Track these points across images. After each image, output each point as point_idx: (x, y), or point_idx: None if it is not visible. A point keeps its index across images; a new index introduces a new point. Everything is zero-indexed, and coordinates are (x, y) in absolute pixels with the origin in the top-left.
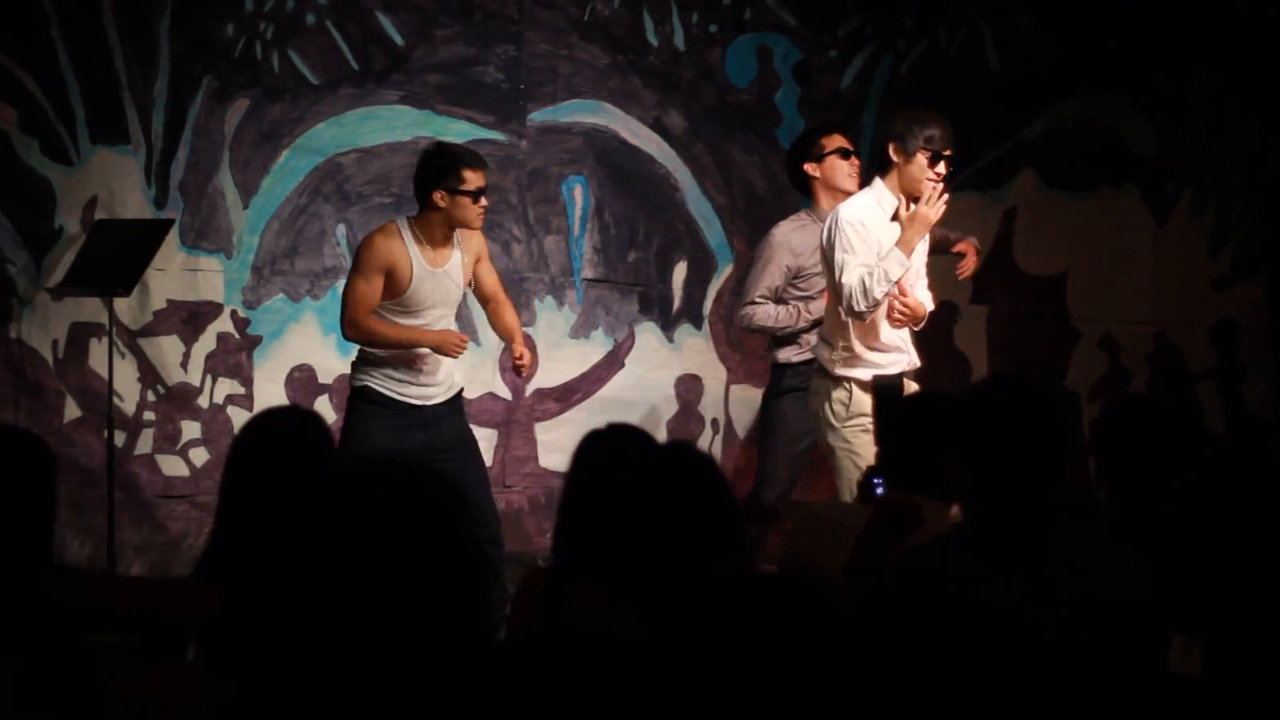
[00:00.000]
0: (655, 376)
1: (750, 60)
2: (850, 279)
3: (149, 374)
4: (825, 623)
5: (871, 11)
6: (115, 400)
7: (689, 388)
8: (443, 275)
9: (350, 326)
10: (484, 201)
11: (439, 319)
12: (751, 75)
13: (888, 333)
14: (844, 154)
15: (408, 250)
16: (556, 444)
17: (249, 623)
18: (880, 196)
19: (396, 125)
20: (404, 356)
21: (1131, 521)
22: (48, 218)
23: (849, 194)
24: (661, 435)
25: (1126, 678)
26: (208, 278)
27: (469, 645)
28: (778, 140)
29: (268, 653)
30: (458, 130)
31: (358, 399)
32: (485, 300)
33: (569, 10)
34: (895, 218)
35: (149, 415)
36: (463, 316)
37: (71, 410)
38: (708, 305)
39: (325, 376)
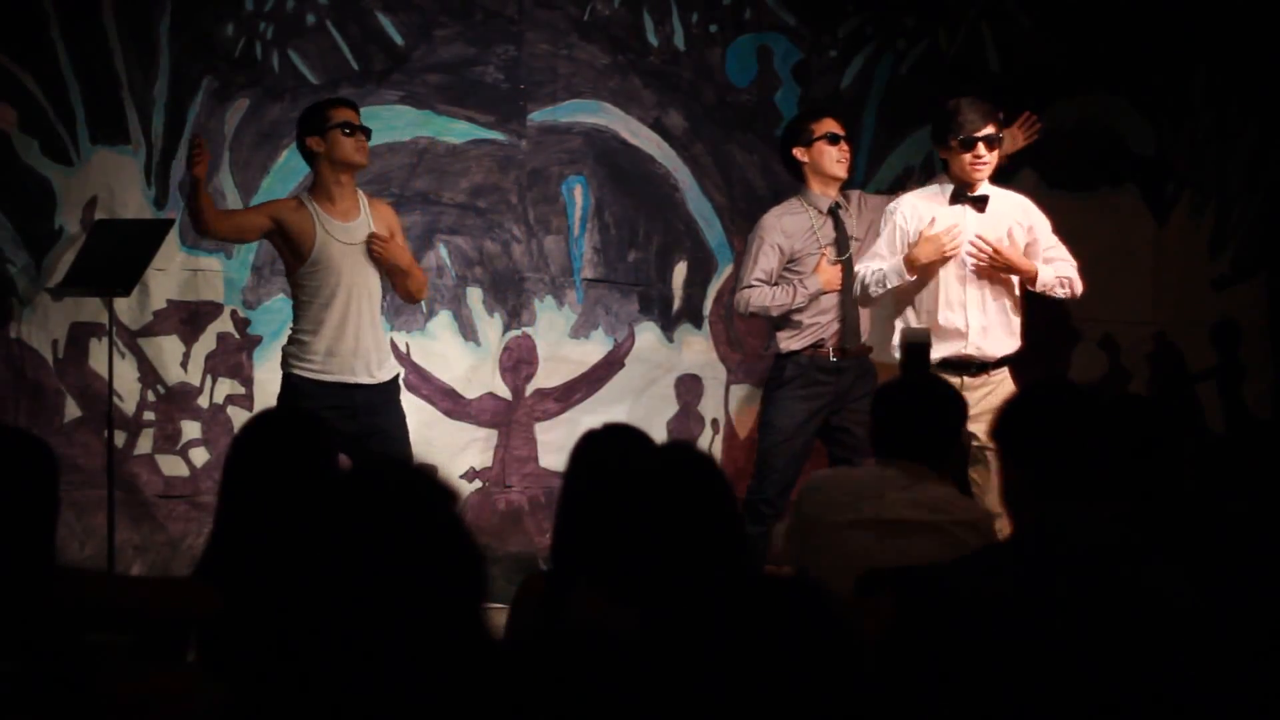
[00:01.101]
0: (655, 376)
1: (750, 60)
2: (861, 269)
3: (149, 374)
4: (827, 624)
5: (871, 11)
6: (115, 400)
7: (689, 388)
8: (348, 230)
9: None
10: (361, 138)
11: (350, 279)
12: (751, 75)
13: (945, 314)
14: (832, 139)
15: (309, 213)
16: (556, 444)
17: (249, 623)
18: (942, 186)
19: (396, 125)
20: (321, 330)
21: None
22: (48, 218)
23: (837, 179)
24: (661, 435)
25: (1176, 692)
26: (208, 278)
27: (469, 645)
28: (777, 140)
29: (268, 653)
30: (458, 130)
31: (288, 392)
32: (393, 275)
33: (569, 10)
34: (954, 200)
35: (149, 415)
36: (461, 318)
37: (71, 410)
38: (708, 305)
39: None
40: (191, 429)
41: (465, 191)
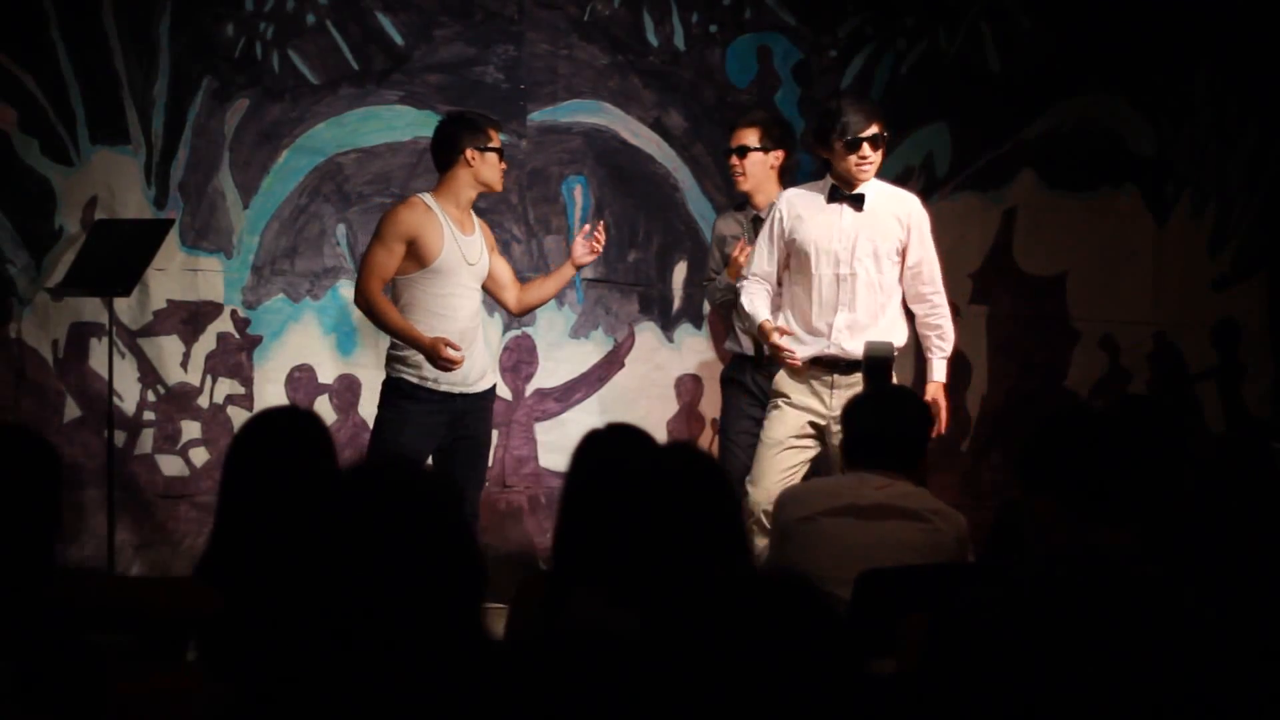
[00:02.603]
0: (655, 376)
1: (750, 60)
2: (747, 293)
3: (149, 374)
4: (827, 624)
5: (871, 11)
6: (115, 400)
7: (689, 388)
8: (469, 244)
9: (360, 294)
10: (504, 165)
11: (468, 291)
12: (751, 75)
13: (802, 316)
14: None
15: (437, 217)
16: (556, 444)
17: (249, 623)
18: (824, 183)
19: (396, 125)
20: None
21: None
22: (48, 218)
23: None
24: (661, 435)
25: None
26: (208, 278)
27: (469, 646)
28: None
29: (268, 652)
30: None
31: (391, 393)
32: (503, 288)
33: (569, 10)
34: (830, 199)
35: (149, 415)
36: None
37: (71, 410)
38: (708, 305)
39: (325, 376)
40: (191, 429)
41: None
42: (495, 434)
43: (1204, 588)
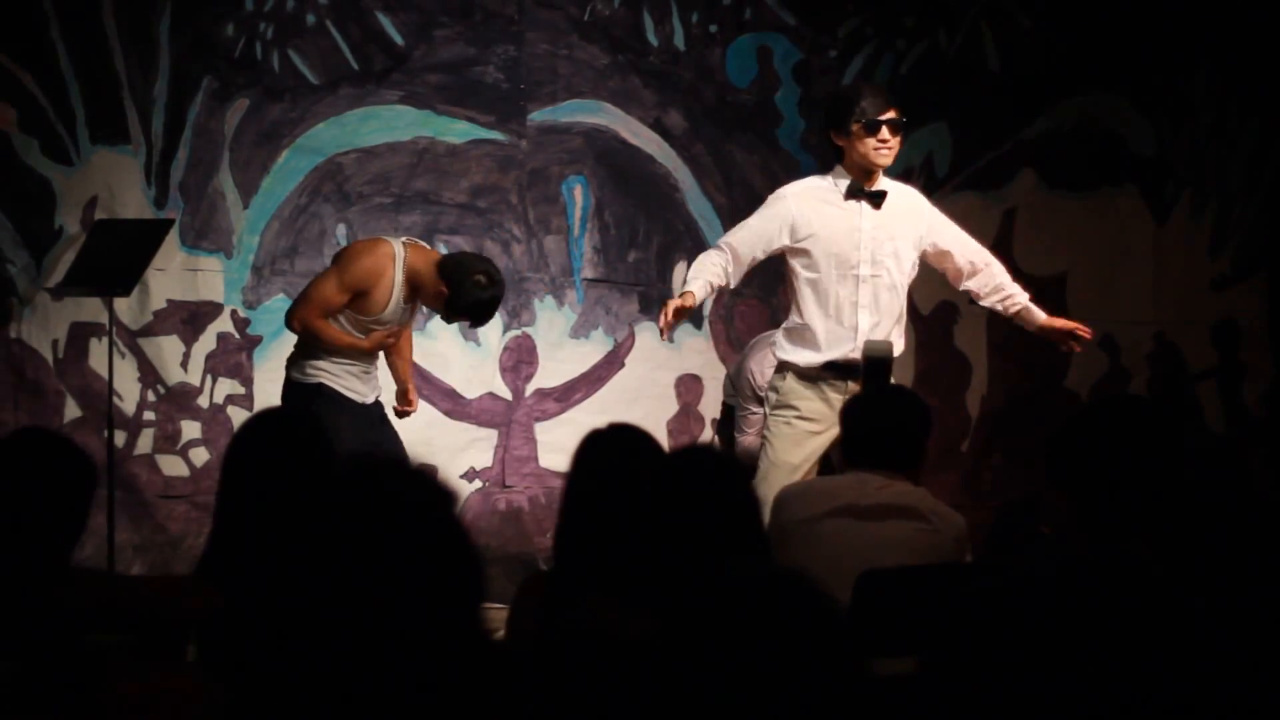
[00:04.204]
0: (655, 376)
1: (750, 60)
2: (719, 242)
3: (149, 374)
4: (830, 625)
5: (871, 11)
6: (115, 400)
7: (689, 388)
8: (407, 309)
9: (302, 322)
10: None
11: (386, 337)
12: (751, 75)
13: (821, 319)
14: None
15: (393, 281)
16: (556, 444)
17: (249, 622)
18: (836, 178)
19: (396, 125)
20: (351, 353)
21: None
22: (48, 218)
23: None
24: (661, 435)
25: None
26: (208, 278)
27: (468, 646)
28: (778, 140)
29: (268, 653)
30: (458, 130)
31: (310, 396)
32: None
33: (569, 10)
34: (849, 196)
35: (149, 415)
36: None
37: (71, 410)
38: (708, 305)
39: None
40: (191, 429)
41: (465, 191)
42: (495, 434)
43: (1207, 589)
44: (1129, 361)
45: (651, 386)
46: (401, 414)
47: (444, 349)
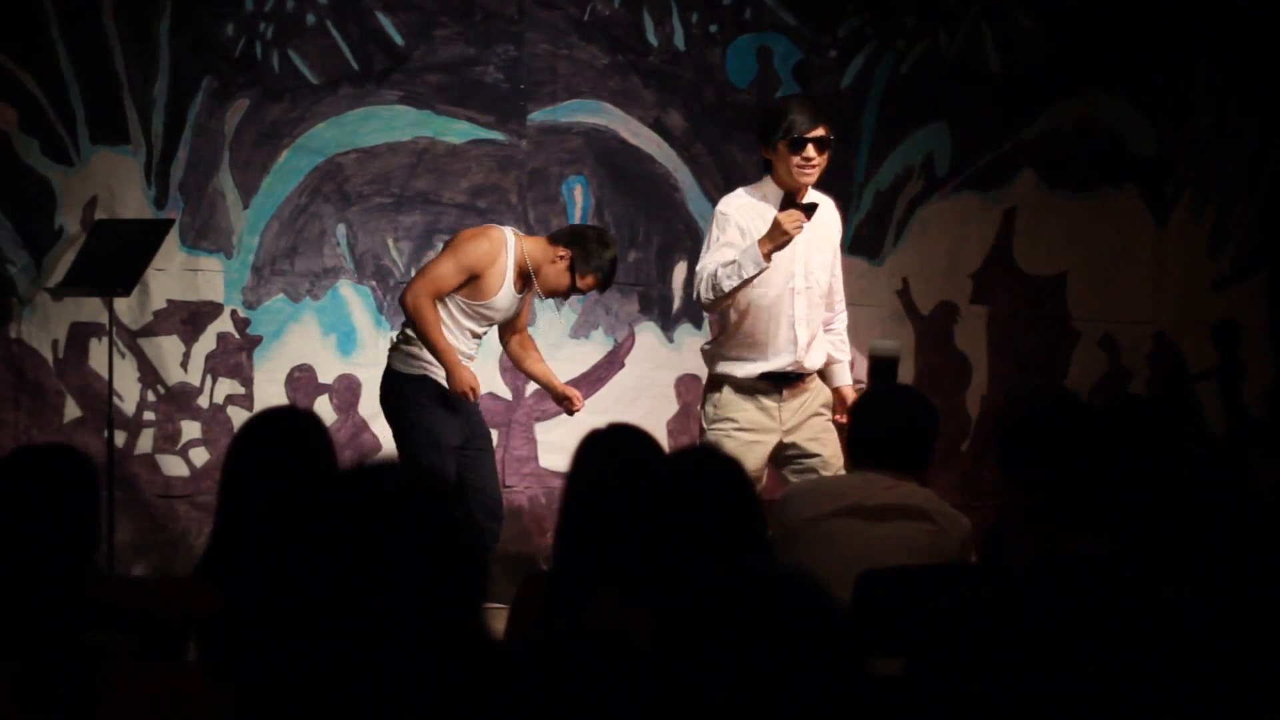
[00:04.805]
0: (655, 376)
1: (750, 60)
2: (706, 265)
3: (149, 374)
4: (831, 624)
5: (871, 11)
6: (115, 400)
7: (689, 388)
8: (519, 298)
9: (414, 297)
10: (588, 281)
11: (493, 327)
12: (751, 75)
13: (762, 331)
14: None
15: (505, 267)
16: (556, 444)
17: (249, 623)
18: (766, 190)
19: (396, 125)
20: (435, 348)
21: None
22: (48, 218)
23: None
24: (661, 435)
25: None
26: (208, 278)
27: (468, 646)
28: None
29: (268, 653)
30: (458, 130)
31: (417, 388)
32: (513, 330)
33: (569, 10)
34: (784, 207)
35: (149, 415)
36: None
37: (71, 410)
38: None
39: (325, 376)
40: (191, 429)
41: (465, 191)
42: (495, 434)
43: (1205, 588)
44: (1129, 361)
45: (651, 386)
46: (571, 412)
47: None
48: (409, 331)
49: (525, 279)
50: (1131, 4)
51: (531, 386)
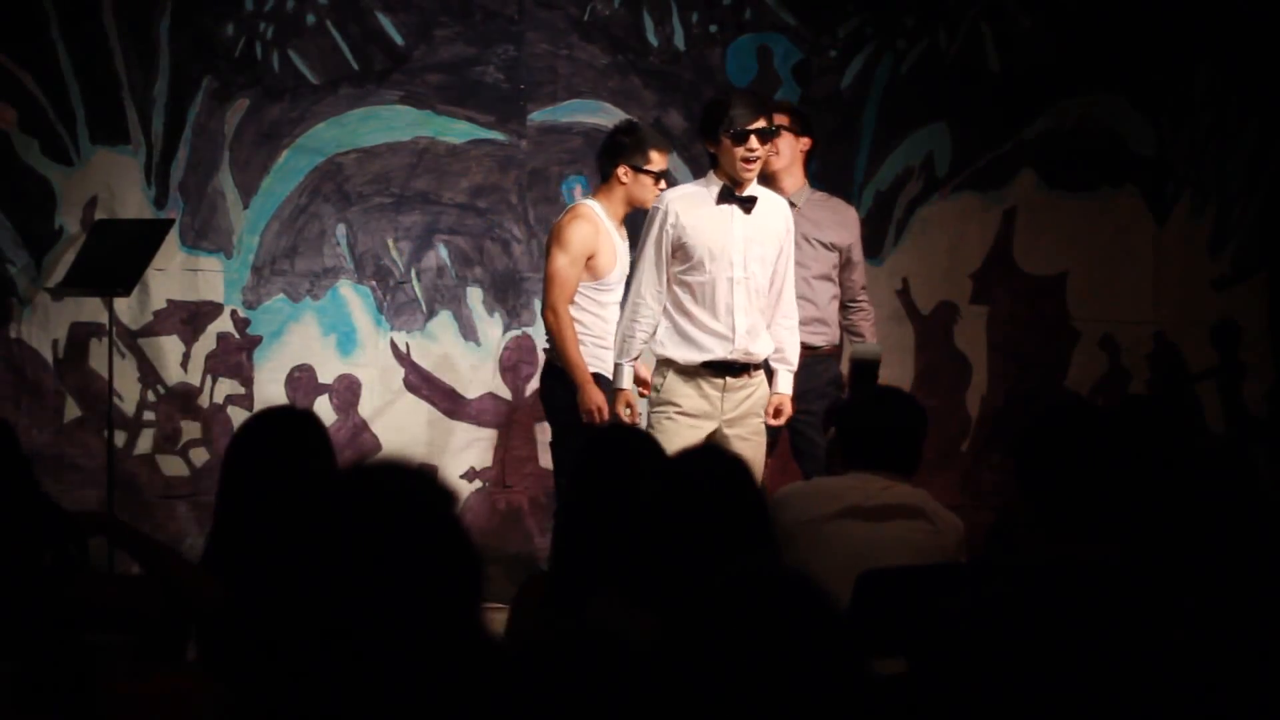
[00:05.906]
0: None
1: (750, 60)
2: (634, 308)
3: (149, 374)
4: (838, 624)
5: (871, 11)
6: (115, 400)
7: None
8: (625, 253)
9: (553, 311)
10: (663, 185)
11: (620, 295)
12: (751, 75)
13: (703, 316)
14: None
15: (608, 229)
16: None
17: (249, 621)
18: (710, 183)
19: (396, 125)
20: (608, 332)
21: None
22: (48, 218)
23: None
24: None
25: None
26: (208, 278)
27: (468, 646)
28: None
29: (268, 652)
30: (458, 130)
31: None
32: None
33: (569, 10)
34: (721, 200)
35: (149, 415)
36: (461, 318)
37: (71, 410)
38: None
39: (325, 376)
40: (191, 429)
41: (465, 191)
42: (495, 434)
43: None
44: (1129, 361)
45: None
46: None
47: (444, 349)
48: (583, 334)
49: (619, 231)
50: (1131, 4)
51: (531, 386)
